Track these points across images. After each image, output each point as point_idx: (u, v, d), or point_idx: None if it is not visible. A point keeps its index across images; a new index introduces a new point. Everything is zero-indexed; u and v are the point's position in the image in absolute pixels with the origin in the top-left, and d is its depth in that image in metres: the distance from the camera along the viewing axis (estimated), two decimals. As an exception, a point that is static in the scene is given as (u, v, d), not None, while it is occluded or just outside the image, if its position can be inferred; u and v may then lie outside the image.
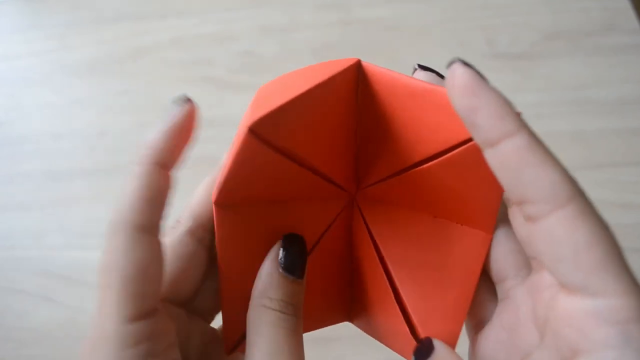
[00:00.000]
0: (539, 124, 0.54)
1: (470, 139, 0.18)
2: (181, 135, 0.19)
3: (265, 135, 0.17)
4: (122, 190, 0.18)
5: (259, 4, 0.55)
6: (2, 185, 0.47)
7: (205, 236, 0.21)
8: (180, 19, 0.55)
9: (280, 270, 0.19)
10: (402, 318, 0.21)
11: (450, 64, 0.16)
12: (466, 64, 0.16)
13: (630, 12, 0.52)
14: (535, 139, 0.16)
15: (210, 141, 0.48)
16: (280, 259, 0.19)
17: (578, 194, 0.15)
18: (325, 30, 0.53)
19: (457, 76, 0.16)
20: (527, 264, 0.20)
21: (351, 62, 0.19)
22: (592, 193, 0.51)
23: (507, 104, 0.16)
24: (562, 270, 0.15)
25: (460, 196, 0.20)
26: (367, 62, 0.20)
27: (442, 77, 0.20)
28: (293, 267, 0.19)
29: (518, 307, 0.19)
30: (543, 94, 0.48)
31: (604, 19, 0.52)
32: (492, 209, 0.19)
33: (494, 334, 0.20)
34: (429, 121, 0.19)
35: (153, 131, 0.19)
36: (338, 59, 0.20)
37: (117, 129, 0.49)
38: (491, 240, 0.20)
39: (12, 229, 0.44)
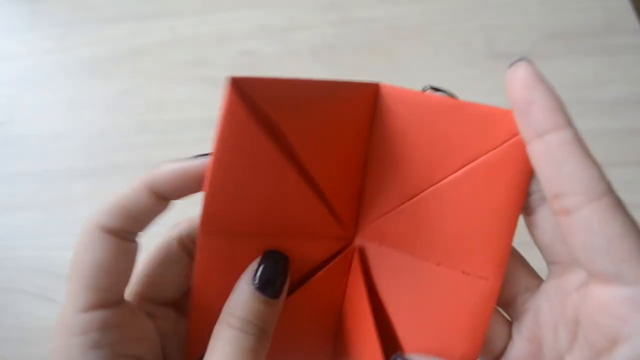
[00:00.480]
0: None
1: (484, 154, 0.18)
2: (188, 181, 0.19)
3: (251, 93, 0.16)
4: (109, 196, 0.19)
5: (259, 4, 0.55)
6: (2, 185, 0.47)
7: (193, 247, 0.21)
8: (180, 19, 0.55)
9: (253, 287, 0.19)
10: None
11: (515, 61, 0.18)
12: (530, 62, 0.18)
13: (630, 12, 0.52)
14: (580, 137, 0.17)
15: (211, 141, 0.48)
16: (255, 276, 0.19)
17: (611, 190, 0.16)
18: (324, 30, 0.53)
19: (521, 70, 0.17)
20: (531, 274, 0.20)
21: (369, 84, 0.19)
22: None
23: (561, 102, 0.17)
24: (597, 259, 0.16)
25: (468, 230, 0.19)
26: (386, 85, 0.19)
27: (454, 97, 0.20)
28: (267, 286, 0.19)
29: (542, 316, 0.19)
30: (543, 94, 0.47)
31: (603, 19, 0.52)
32: (501, 253, 0.19)
33: (520, 350, 0.20)
34: (453, 139, 0.19)
35: (168, 164, 0.20)
36: (339, 59, 0.20)
37: (117, 129, 0.49)
38: (499, 288, 0.19)
39: (12, 229, 0.44)
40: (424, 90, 0.20)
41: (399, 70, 0.50)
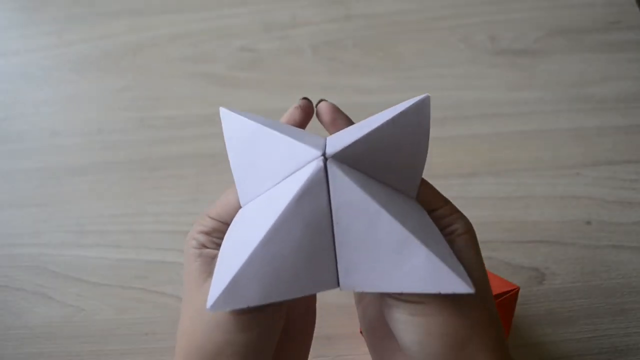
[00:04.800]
0: (541, 120, 0.53)
1: None
2: None
3: None
4: None
5: (259, 0, 0.54)
6: (1, 182, 0.46)
7: None
8: (180, 15, 0.55)
9: None
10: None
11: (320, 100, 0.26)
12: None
13: (634, 8, 0.51)
14: None
15: (211, 138, 0.47)
16: None
17: None
18: (325, 26, 0.53)
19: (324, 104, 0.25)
20: None
21: None
22: (592, 190, 0.50)
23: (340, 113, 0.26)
24: None
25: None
26: None
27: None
28: None
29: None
30: (545, 91, 0.47)
31: (607, 15, 0.51)
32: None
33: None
34: None
35: None
36: (340, 55, 0.20)
37: (116, 125, 0.48)
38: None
39: (10, 227, 0.44)
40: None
41: (400, 66, 0.50)
